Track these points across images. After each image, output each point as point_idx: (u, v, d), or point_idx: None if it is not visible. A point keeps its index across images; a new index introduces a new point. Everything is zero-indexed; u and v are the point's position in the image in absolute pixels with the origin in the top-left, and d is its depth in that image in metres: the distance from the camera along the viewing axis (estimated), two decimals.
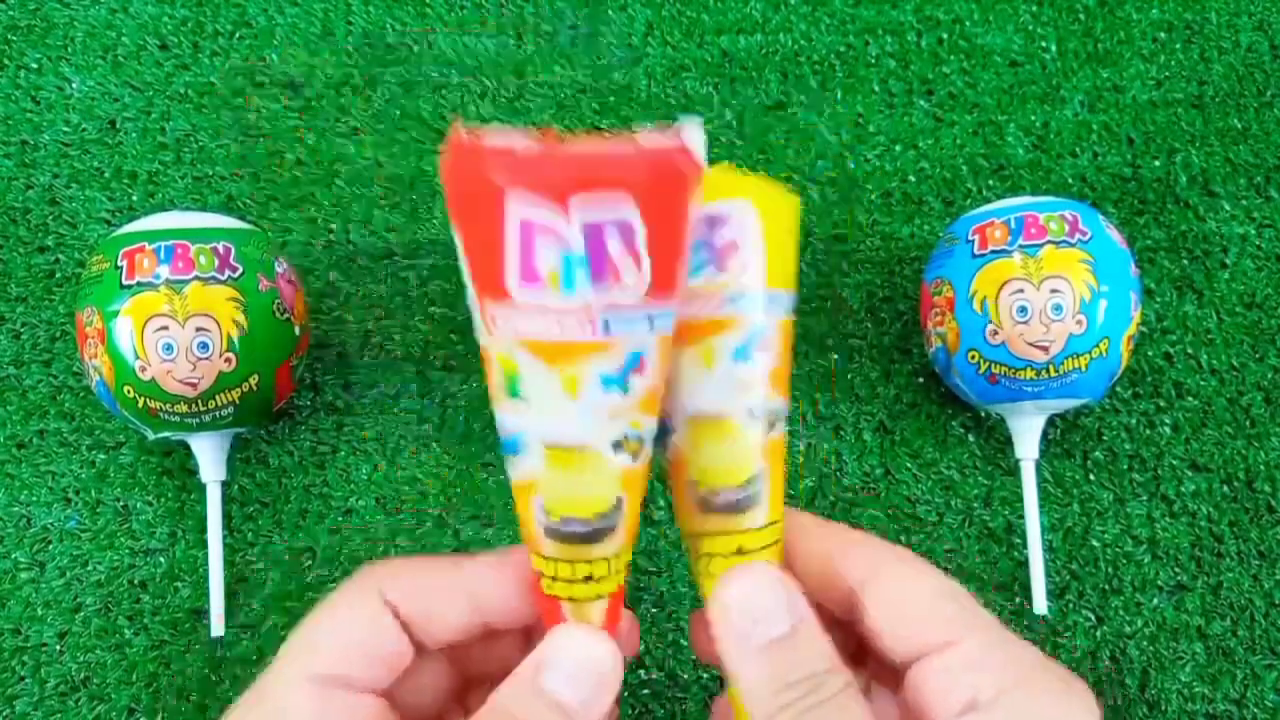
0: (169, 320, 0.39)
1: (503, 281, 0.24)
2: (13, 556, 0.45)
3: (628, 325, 0.24)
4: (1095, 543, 0.46)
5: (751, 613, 0.25)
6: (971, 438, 0.47)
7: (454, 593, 0.26)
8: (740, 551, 0.28)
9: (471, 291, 0.25)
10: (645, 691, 0.44)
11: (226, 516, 0.45)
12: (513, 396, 0.25)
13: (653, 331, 0.25)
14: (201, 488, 0.45)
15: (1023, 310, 0.40)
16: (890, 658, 0.26)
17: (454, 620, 0.26)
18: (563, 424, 0.25)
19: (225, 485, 0.45)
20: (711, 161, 0.27)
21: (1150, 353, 0.48)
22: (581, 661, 0.25)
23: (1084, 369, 0.41)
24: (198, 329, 0.40)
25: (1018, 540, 0.45)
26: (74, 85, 0.52)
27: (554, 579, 0.27)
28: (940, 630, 0.25)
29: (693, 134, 0.23)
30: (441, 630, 0.26)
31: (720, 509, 0.28)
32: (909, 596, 0.26)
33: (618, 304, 0.24)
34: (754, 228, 0.28)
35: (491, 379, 0.26)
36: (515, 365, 0.25)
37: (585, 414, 0.25)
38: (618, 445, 0.26)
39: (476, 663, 0.28)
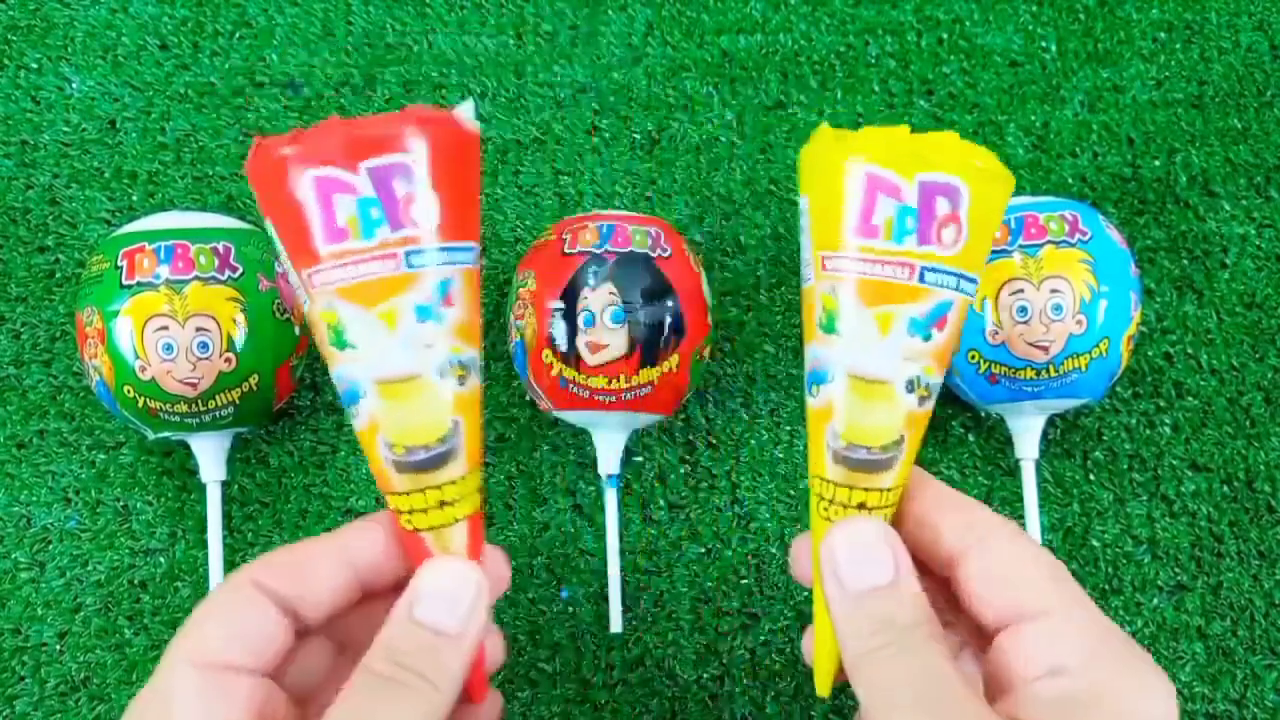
0: (169, 320, 0.39)
1: (312, 244, 0.28)
2: (13, 556, 0.45)
3: (427, 260, 0.28)
4: (1095, 543, 0.46)
5: (858, 560, 0.27)
6: (971, 438, 0.47)
7: (325, 560, 0.28)
8: (862, 506, 0.29)
9: (290, 272, 0.29)
10: (645, 690, 0.44)
11: (226, 516, 0.45)
12: (341, 348, 0.29)
13: (455, 265, 0.29)
14: (201, 488, 0.45)
15: (1023, 310, 0.40)
16: (982, 621, 0.27)
17: (329, 586, 0.28)
18: (389, 358, 0.28)
19: (225, 485, 0.45)
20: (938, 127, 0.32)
21: (1150, 353, 0.48)
22: (450, 585, 0.27)
23: (1084, 369, 0.41)
24: (198, 329, 0.40)
25: None
26: (74, 85, 0.52)
27: (411, 512, 0.29)
28: (1037, 600, 0.26)
29: (463, 107, 0.29)
30: (320, 598, 0.28)
31: (856, 465, 0.30)
32: (1009, 564, 0.27)
33: (413, 240, 0.28)
34: (966, 207, 0.29)
35: (321, 342, 0.29)
36: (337, 316, 0.28)
37: (407, 344, 0.28)
38: (443, 371, 0.29)
39: (360, 632, 0.29)
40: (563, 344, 0.39)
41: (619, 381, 0.40)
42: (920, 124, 0.51)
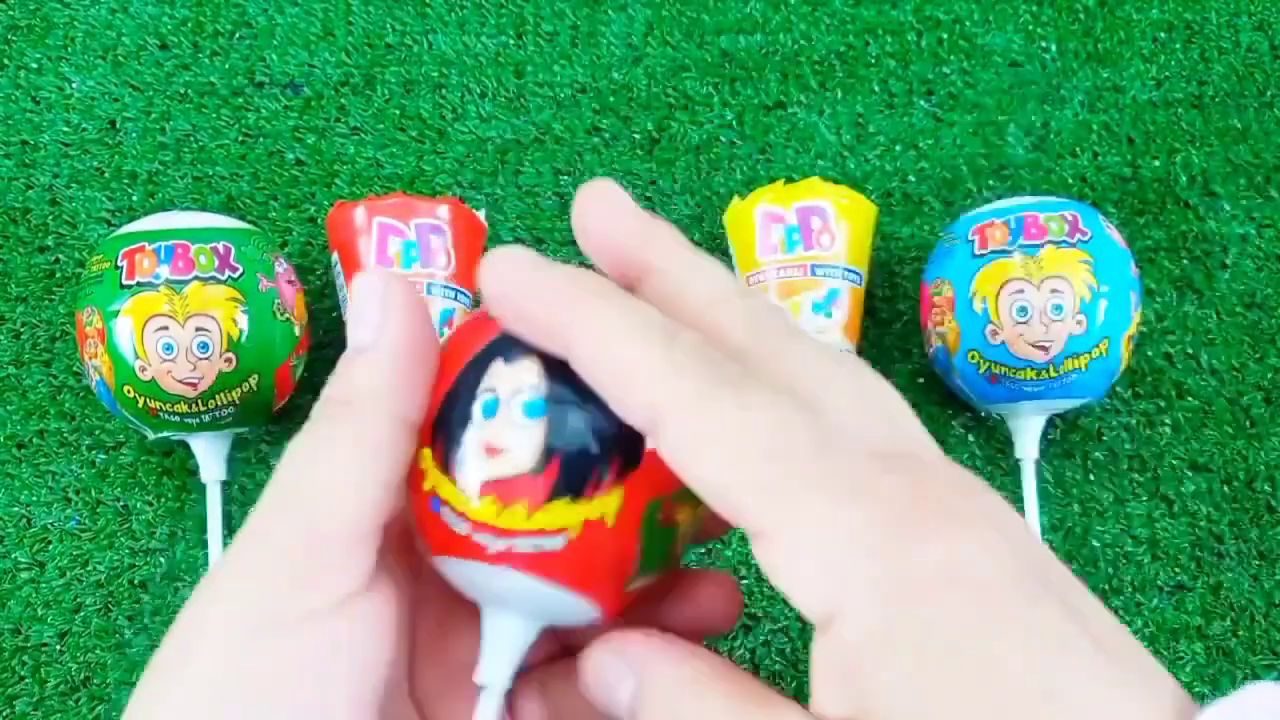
0: (169, 320, 0.39)
1: (365, 265, 0.42)
2: (13, 556, 0.45)
3: (441, 292, 0.42)
4: (1095, 543, 0.46)
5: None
6: (971, 438, 0.47)
7: None
8: None
9: (344, 291, 0.44)
10: None
11: (226, 516, 0.45)
12: None
13: (456, 302, 0.43)
14: (201, 488, 0.45)
15: (1023, 310, 0.40)
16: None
17: None
18: None
19: (225, 485, 0.45)
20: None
21: (1150, 353, 0.48)
22: (360, 300, 0.22)
23: (1084, 369, 0.41)
24: (198, 329, 0.40)
25: None
26: (74, 85, 0.52)
27: None
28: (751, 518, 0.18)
29: (480, 211, 0.44)
30: None
31: None
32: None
33: (434, 276, 0.42)
34: (835, 219, 0.42)
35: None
36: None
37: None
38: None
39: None
40: (451, 443, 0.21)
41: (512, 516, 0.20)
42: (920, 124, 0.52)
